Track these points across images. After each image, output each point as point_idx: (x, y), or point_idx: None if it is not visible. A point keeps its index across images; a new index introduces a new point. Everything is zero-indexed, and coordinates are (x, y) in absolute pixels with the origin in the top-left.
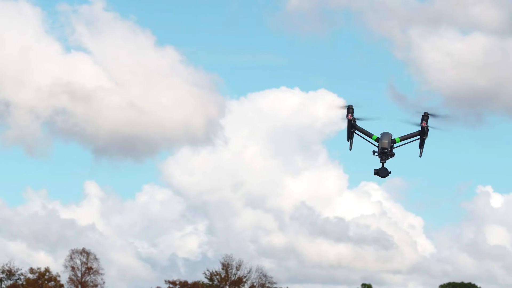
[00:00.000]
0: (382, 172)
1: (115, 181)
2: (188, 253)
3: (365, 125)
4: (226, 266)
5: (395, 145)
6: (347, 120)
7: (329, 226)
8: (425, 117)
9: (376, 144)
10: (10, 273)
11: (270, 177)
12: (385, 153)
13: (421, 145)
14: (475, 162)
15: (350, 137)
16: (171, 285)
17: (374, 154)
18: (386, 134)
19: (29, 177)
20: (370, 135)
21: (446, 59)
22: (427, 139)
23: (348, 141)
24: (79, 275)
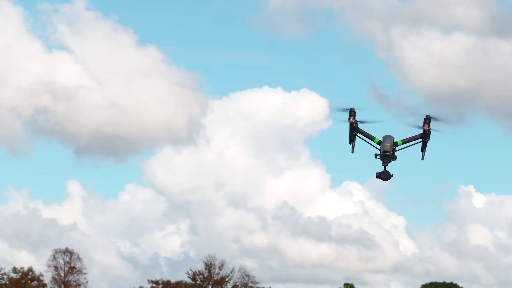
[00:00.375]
0: (384, 175)
1: (97, 180)
2: (170, 252)
3: (366, 128)
4: (209, 266)
5: (397, 148)
6: (349, 123)
7: (311, 226)
8: (427, 120)
9: (378, 147)
10: None
11: (252, 177)
12: (387, 156)
13: (423, 148)
14: (457, 162)
15: (352, 140)
16: (154, 285)
17: (376, 157)
18: (388, 137)
19: (11, 176)
20: (372, 138)
21: (427, 59)
22: (429, 142)
23: (350, 144)
24: (62, 274)
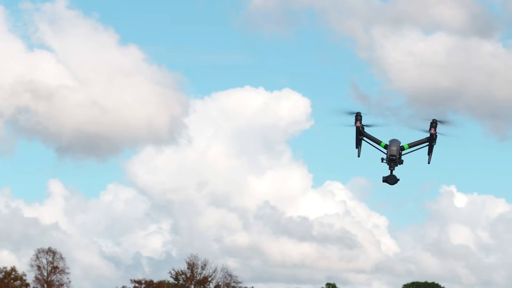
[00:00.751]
0: (390, 179)
1: (79, 179)
2: (152, 252)
3: (372, 132)
4: (191, 266)
5: (403, 152)
6: (355, 127)
7: (293, 226)
8: (433, 124)
9: (385, 151)
10: None
11: (234, 177)
12: (394, 160)
13: (430, 152)
14: (438, 162)
15: (358, 144)
16: (136, 285)
17: (382, 161)
18: (394, 141)
19: None
20: (378, 142)
21: (409, 58)
22: (435, 146)
23: (356, 148)
24: (45, 274)
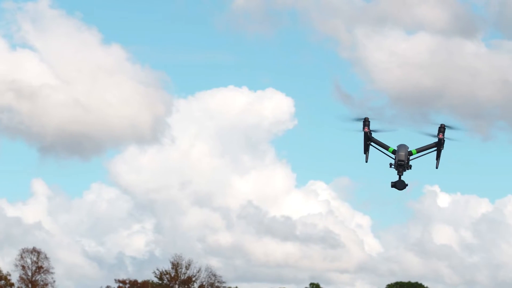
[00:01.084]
0: (399, 184)
1: (62, 179)
2: (136, 251)
3: (380, 137)
4: (175, 266)
5: (411, 157)
6: (363, 133)
7: (276, 225)
8: (441, 128)
9: (393, 156)
10: None
11: (217, 176)
12: (402, 165)
13: (438, 157)
14: (422, 161)
15: (366, 150)
16: (121, 284)
17: (391, 166)
18: (402, 146)
19: None
20: (386, 147)
21: (391, 58)
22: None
23: (364, 153)
24: (30, 274)
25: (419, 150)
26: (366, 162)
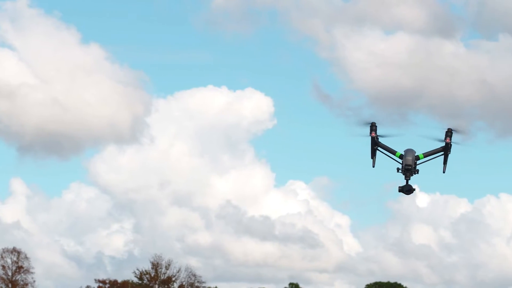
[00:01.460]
0: (406, 189)
1: (41, 178)
2: (115, 251)
3: (386, 142)
4: (155, 266)
5: (418, 162)
6: (370, 137)
7: (255, 225)
8: (449, 133)
9: (400, 161)
10: None
11: (196, 176)
12: (409, 170)
13: (445, 162)
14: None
15: (373, 155)
16: (101, 284)
17: (398, 171)
18: (409, 151)
19: None
20: (393, 152)
21: (370, 58)
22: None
23: (371, 158)
24: (10, 274)
25: (426, 155)
26: (373, 167)
